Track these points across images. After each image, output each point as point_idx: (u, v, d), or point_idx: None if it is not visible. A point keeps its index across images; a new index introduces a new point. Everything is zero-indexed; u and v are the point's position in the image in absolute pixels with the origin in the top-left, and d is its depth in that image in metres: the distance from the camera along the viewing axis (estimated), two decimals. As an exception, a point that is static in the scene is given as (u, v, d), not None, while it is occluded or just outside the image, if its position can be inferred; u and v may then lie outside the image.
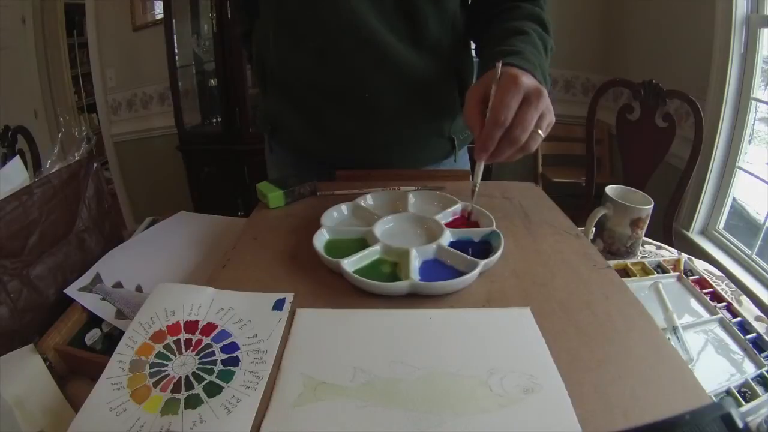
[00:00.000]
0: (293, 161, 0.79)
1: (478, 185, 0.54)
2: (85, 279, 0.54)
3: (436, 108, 0.73)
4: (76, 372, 0.45)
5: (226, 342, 0.39)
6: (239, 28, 0.85)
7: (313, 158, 0.76)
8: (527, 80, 0.47)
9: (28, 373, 0.40)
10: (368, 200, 0.61)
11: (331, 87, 0.69)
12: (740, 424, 0.18)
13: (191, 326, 0.40)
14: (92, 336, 0.47)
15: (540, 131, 0.48)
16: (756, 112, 1.59)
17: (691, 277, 0.63)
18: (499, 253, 0.48)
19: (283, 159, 0.81)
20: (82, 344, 0.47)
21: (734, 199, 1.70)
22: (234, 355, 0.37)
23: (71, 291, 0.52)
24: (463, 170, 0.74)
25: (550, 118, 0.49)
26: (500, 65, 0.48)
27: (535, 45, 0.58)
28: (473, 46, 0.75)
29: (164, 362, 0.37)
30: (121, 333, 0.41)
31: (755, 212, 1.66)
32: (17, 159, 0.55)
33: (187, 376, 0.35)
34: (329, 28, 0.63)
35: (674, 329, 0.52)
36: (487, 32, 0.66)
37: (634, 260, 0.66)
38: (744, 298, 0.62)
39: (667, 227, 1.41)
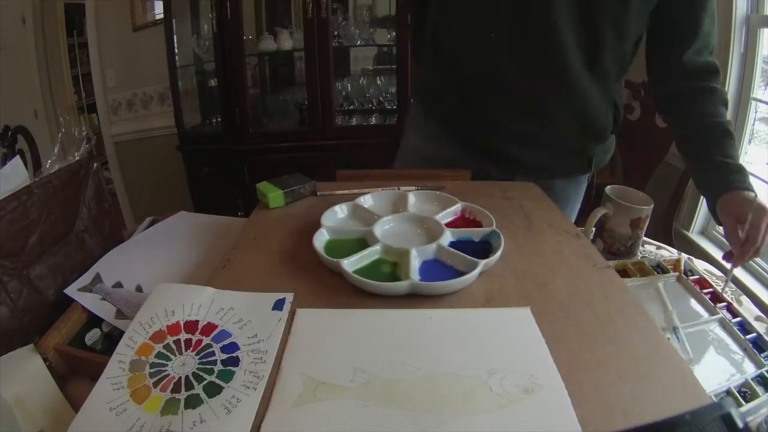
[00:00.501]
0: (440, 136, 0.82)
1: (728, 282, 0.64)
2: (85, 279, 0.54)
3: (594, 129, 0.76)
4: (76, 372, 0.45)
5: (226, 342, 0.39)
6: (417, 11, 0.85)
7: (458, 137, 0.79)
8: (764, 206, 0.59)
9: (28, 373, 0.40)
10: (368, 200, 0.61)
11: (506, 90, 0.71)
12: (740, 424, 0.18)
13: (191, 326, 0.40)
14: (92, 336, 0.47)
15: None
16: (756, 112, 1.58)
17: (691, 277, 0.62)
18: (499, 253, 0.48)
19: (434, 132, 0.83)
20: (82, 344, 0.47)
21: (734, 199, 1.69)
22: (234, 355, 0.37)
23: (71, 291, 0.51)
24: (463, 171, 0.74)
25: None
26: (757, 199, 0.59)
27: (737, 149, 0.67)
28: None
29: (164, 362, 0.37)
30: (121, 333, 0.41)
31: (755, 212, 1.66)
32: (17, 159, 0.55)
33: (187, 376, 0.35)
34: (519, 34, 0.66)
35: (674, 329, 0.52)
36: (687, 109, 0.70)
37: (634, 260, 0.66)
38: (744, 298, 0.62)
39: (667, 227, 1.41)
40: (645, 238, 0.73)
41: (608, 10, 0.63)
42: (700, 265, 0.69)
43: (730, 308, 0.57)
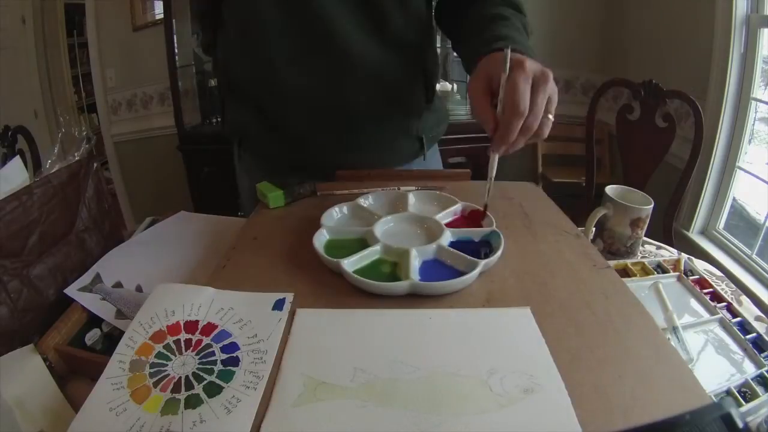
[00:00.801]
0: (262, 167, 0.77)
1: (492, 179, 0.53)
2: (85, 279, 0.54)
3: (404, 107, 0.72)
4: (76, 372, 0.45)
5: (226, 342, 0.39)
6: (202, 38, 0.82)
7: (281, 164, 0.74)
8: (532, 64, 0.46)
9: (28, 373, 0.40)
10: (368, 200, 0.61)
11: (292, 90, 0.67)
12: (740, 424, 0.18)
13: (191, 326, 0.40)
14: (92, 336, 0.47)
15: (550, 115, 0.46)
16: (756, 112, 1.59)
17: (691, 277, 0.63)
18: (499, 253, 0.48)
19: (253, 166, 0.79)
20: (82, 344, 0.47)
21: (734, 199, 1.70)
22: (234, 355, 0.37)
23: (71, 291, 0.51)
24: (463, 171, 0.74)
25: (555, 102, 0.48)
26: (509, 51, 0.46)
27: (518, 29, 0.57)
28: (438, 43, 0.75)
29: (164, 362, 0.37)
30: (121, 333, 0.41)
31: (755, 212, 1.66)
32: (17, 159, 0.55)
33: (187, 376, 0.35)
34: (288, 27, 0.62)
35: (674, 329, 0.52)
36: (463, 22, 0.64)
37: (634, 260, 0.66)
38: (744, 298, 0.62)
39: (667, 227, 1.41)
40: (645, 238, 0.73)
41: None
42: (700, 265, 0.69)
43: (730, 308, 0.57)
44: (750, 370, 0.47)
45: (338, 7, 0.61)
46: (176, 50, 2.00)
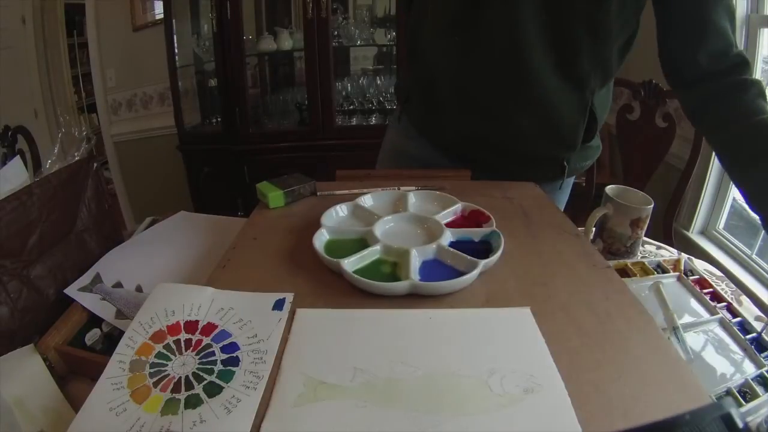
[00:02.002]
0: (414, 136, 0.81)
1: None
2: (85, 279, 0.54)
3: (561, 138, 0.72)
4: (76, 372, 0.45)
5: (226, 342, 0.39)
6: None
7: (426, 142, 0.78)
8: None
9: (28, 373, 0.40)
10: (368, 200, 0.61)
11: (466, 91, 0.69)
12: (740, 424, 0.18)
13: (191, 326, 0.40)
14: (92, 336, 0.47)
15: None
16: (756, 112, 1.58)
17: (691, 277, 0.62)
18: (499, 253, 0.48)
19: (407, 132, 0.82)
20: (82, 344, 0.47)
21: (734, 199, 1.70)
22: (234, 355, 0.37)
23: (71, 291, 0.51)
24: (463, 171, 0.74)
25: None
26: None
27: None
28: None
29: (164, 362, 0.37)
30: (121, 333, 0.41)
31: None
32: (17, 159, 0.55)
33: (187, 376, 0.35)
34: (487, 40, 0.63)
35: (674, 329, 0.52)
36: (722, 112, 0.60)
37: (634, 260, 0.66)
38: (744, 298, 0.62)
39: (667, 227, 1.41)
40: (645, 238, 0.73)
41: (580, 9, 0.57)
42: (700, 265, 0.69)
43: (730, 308, 0.57)
44: (750, 370, 0.47)
45: (534, 36, 0.60)
46: (176, 50, 2.00)
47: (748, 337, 0.51)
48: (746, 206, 1.69)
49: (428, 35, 0.71)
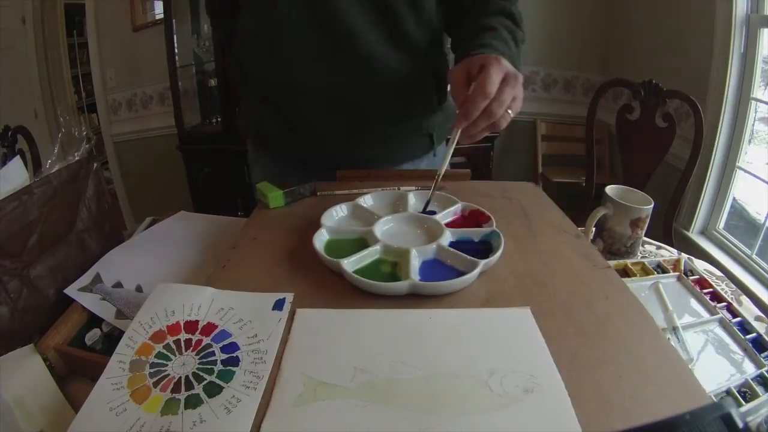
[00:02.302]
0: (276, 163, 0.79)
1: (449, 153, 0.56)
2: (85, 279, 0.54)
3: (416, 106, 0.74)
4: (76, 372, 0.45)
5: (226, 342, 0.39)
6: (217, 33, 0.85)
7: (295, 160, 0.76)
8: (507, 64, 0.52)
9: (28, 373, 0.40)
10: (368, 200, 0.61)
11: (311, 89, 0.69)
12: (740, 424, 0.18)
13: (191, 326, 0.40)
14: (92, 336, 0.47)
15: (510, 111, 0.52)
16: (756, 112, 1.58)
17: (691, 277, 0.62)
18: (499, 253, 0.48)
19: (267, 162, 0.81)
20: (82, 344, 0.47)
21: (734, 199, 1.70)
22: (234, 355, 0.37)
23: (71, 291, 0.51)
24: (463, 171, 0.74)
25: (519, 104, 0.54)
26: (482, 56, 0.53)
27: (503, 39, 0.61)
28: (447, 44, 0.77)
29: (164, 362, 0.37)
30: (121, 333, 0.41)
31: (755, 212, 1.66)
32: (17, 159, 0.55)
33: (187, 376, 0.35)
34: (309, 28, 0.64)
35: (674, 329, 0.52)
36: (459, 29, 0.68)
37: (634, 260, 0.66)
38: (744, 298, 0.62)
39: (667, 227, 1.41)
40: (645, 238, 0.73)
41: None
42: (700, 265, 0.69)
43: (730, 308, 0.57)
44: (750, 370, 0.47)
45: (356, 12, 0.63)
46: (176, 50, 2.00)
47: (748, 337, 0.51)
48: (745, 205, 1.70)
49: (258, 58, 0.71)
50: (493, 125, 0.52)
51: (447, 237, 0.51)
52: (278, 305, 0.43)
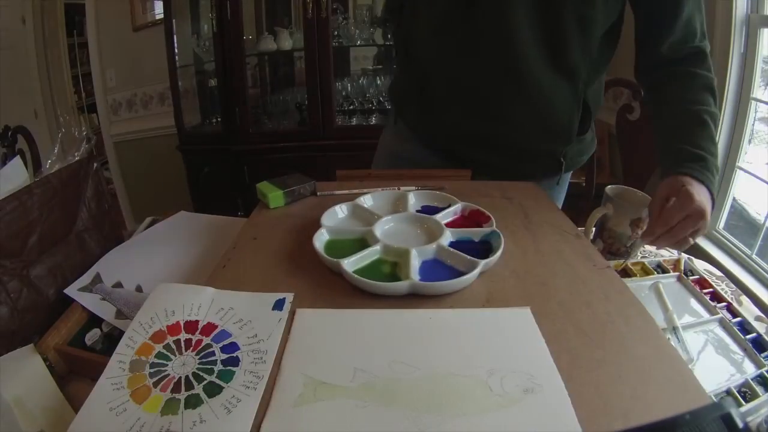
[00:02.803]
0: (410, 138, 0.81)
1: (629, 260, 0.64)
2: (85, 279, 0.54)
3: (556, 132, 0.74)
4: (76, 372, 0.45)
5: (226, 342, 0.39)
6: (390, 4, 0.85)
7: (427, 143, 0.79)
8: (699, 200, 0.56)
9: (28, 373, 0.40)
10: (368, 200, 0.61)
11: (462, 89, 0.70)
12: (740, 424, 0.18)
13: (191, 326, 0.40)
14: (92, 336, 0.47)
15: (691, 240, 0.57)
16: (756, 112, 1.58)
17: (691, 277, 0.62)
18: (499, 253, 0.48)
19: (402, 134, 0.83)
20: (82, 344, 0.47)
21: (734, 199, 1.70)
22: (234, 355, 0.37)
23: (71, 291, 0.51)
24: (464, 171, 0.74)
25: (704, 231, 0.59)
26: (694, 185, 0.57)
27: (713, 139, 0.62)
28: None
29: (164, 362, 0.37)
30: (121, 333, 0.41)
31: (755, 212, 1.66)
32: (17, 159, 0.55)
33: (187, 376, 0.35)
34: (480, 37, 0.65)
35: (674, 329, 0.52)
36: (666, 94, 0.67)
37: (634, 260, 0.66)
38: (744, 298, 0.62)
39: (667, 227, 1.40)
40: (645, 238, 0.73)
41: (570, 2, 0.60)
42: (700, 265, 0.69)
43: (730, 308, 0.57)
44: (750, 370, 0.47)
45: (525, 30, 0.63)
46: (176, 50, 2.00)
47: (748, 337, 0.51)
48: (745, 205, 1.69)
49: (421, 35, 0.72)
50: (674, 245, 0.58)
51: (447, 237, 0.51)
52: (278, 305, 0.43)
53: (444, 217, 0.56)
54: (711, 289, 0.60)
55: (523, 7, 0.61)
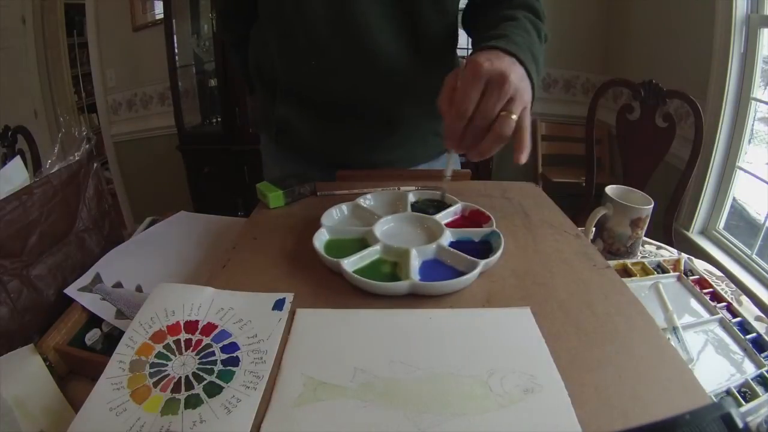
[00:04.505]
0: (298, 161, 0.80)
1: (448, 176, 0.58)
2: (85, 279, 0.54)
3: (434, 108, 0.73)
4: (76, 372, 0.45)
5: (226, 342, 0.39)
6: (227, 35, 0.85)
7: (317, 158, 0.78)
8: (492, 65, 0.46)
9: (28, 373, 0.40)
10: (368, 200, 0.61)
11: (331, 90, 0.70)
12: (740, 424, 0.18)
13: (191, 326, 0.40)
14: (92, 336, 0.47)
15: (513, 115, 0.46)
16: (756, 112, 1.59)
17: (691, 277, 0.62)
18: (499, 253, 0.48)
19: (285, 159, 0.82)
20: (82, 344, 0.47)
21: (734, 199, 1.70)
22: (234, 355, 0.37)
23: (71, 291, 0.51)
24: (464, 171, 0.74)
25: (524, 99, 0.47)
26: (467, 56, 0.49)
27: (524, 29, 0.57)
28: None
29: (164, 362, 0.37)
30: (121, 333, 0.41)
31: (755, 212, 1.66)
32: (17, 159, 0.55)
33: (187, 376, 0.35)
34: (334, 42, 0.64)
35: (674, 329, 0.52)
36: (478, 25, 0.68)
37: (634, 260, 0.66)
38: (744, 298, 0.62)
39: (667, 227, 1.41)
40: (645, 238, 0.73)
41: None
42: (700, 265, 0.69)
43: (730, 308, 0.57)
44: (750, 370, 0.47)
45: (375, 15, 0.63)
46: (176, 50, 2.01)
47: (748, 337, 0.51)
48: (745, 205, 1.70)
49: (284, 65, 0.70)
50: (496, 136, 0.46)
51: (447, 237, 0.51)
52: (278, 305, 0.43)
53: (444, 217, 0.56)
54: (711, 289, 0.60)
55: (380, 17, 0.62)
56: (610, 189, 0.70)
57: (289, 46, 0.68)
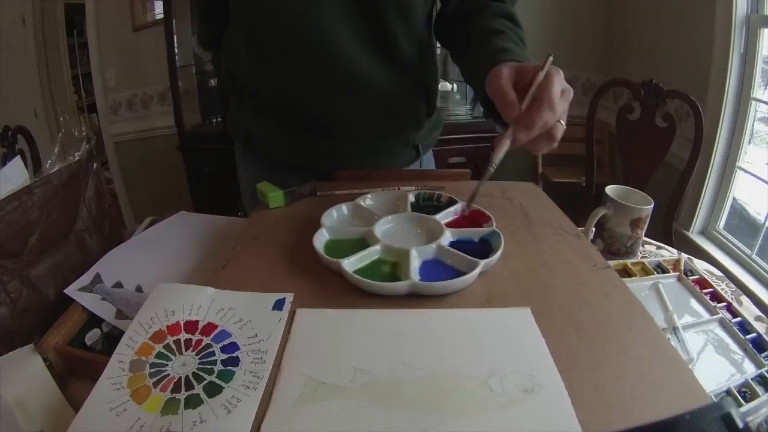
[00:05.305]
0: (266, 169, 0.78)
1: (492, 169, 0.51)
2: (85, 279, 0.54)
3: (406, 120, 0.75)
4: (76, 372, 0.45)
5: (226, 342, 0.39)
6: (202, 36, 0.85)
7: (285, 167, 0.76)
8: (562, 75, 0.48)
9: (28, 373, 0.40)
10: (368, 200, 0.61)
11: (303, 104, 0.69)
12: (740, 424, 0.18)
13: (191, 326, 0.40)
14: (92, 336, 0.47)
15: (563, 121, 0.48)
16: (756, 112, 1.59)
17: (691, 277, 0.63)
18: (499, 253, 0.48)
19: (255, 167, 0.81)
20: (82, 344, 0.47)
21: (734, 199, 1.70)
22: (234, 355, 0.37)
23: (71, 291, 0.51)
24: (463, 171, 0.74)
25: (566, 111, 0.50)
26: (551, 58, 0.48)
27: (516, 42, 0.60)
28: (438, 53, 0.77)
29: (164, 362, 0.37)
30: (121, 333, 0.41)
31: (755, 212, 1.66)
32: (17, 159, 0.55)
33: (187, 376, 0.35)
34: (299, 48, 0.64)
35: (674, 329, 0.52)
36: (461, 35, 0.67)
37: (634, 260, 0.66)
38: (744, 298, 0.62)
39: (667, 227, 1.41)
40: (645, 238, 0.73)
41: None
42: (700, 265, 0.69)
43: (730, 308, 0.57)
44: (750, 370, 0.47)
45: (343, 28, 0.62)
46: (176, 50, 2.00)
47: (748, 337, 0.51)
48: (745, 205, 1.70)
49: (252, 71, 0.70)
50: (549, 138, 0.48)
51: (447, 237, 0.51)
52: (278, 305, 0.43)
53: (444, 217, 0.56)
54: (711, 289, 0.60)
55: (343, 21, 0.61)
56: (610, 189, 0.70)
57: (256, 46, 0.67)
